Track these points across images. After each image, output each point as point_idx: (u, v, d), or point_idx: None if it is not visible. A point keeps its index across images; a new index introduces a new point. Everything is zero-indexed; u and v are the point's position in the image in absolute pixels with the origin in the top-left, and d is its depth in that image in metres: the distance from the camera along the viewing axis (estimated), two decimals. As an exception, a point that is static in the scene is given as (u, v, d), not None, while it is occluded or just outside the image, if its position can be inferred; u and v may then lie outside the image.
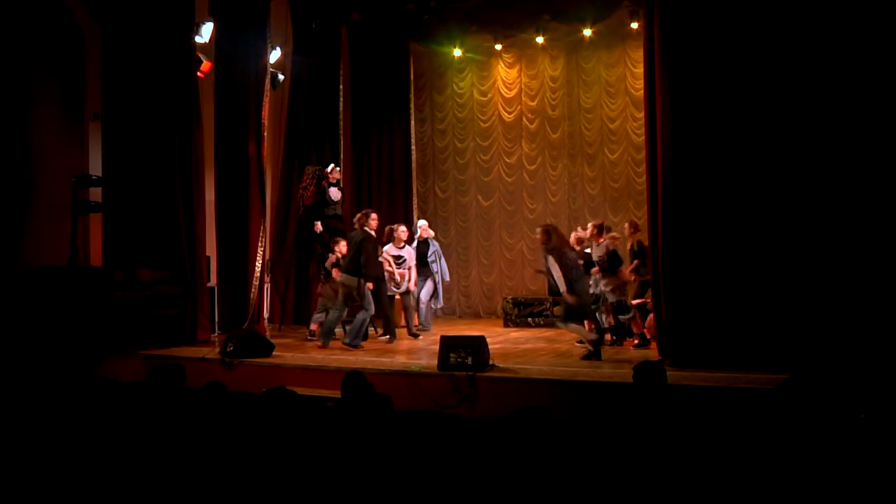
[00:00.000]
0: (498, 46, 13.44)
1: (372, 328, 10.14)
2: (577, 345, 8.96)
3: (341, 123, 13.35)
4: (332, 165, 11.51)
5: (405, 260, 10.59)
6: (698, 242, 7.52)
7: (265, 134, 11.20)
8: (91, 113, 10.40)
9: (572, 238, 9.70)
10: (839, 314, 6.95)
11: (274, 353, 8.86)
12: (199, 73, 10.45)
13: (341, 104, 13.37)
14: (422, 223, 11.69)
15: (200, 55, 10.51)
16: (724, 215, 7.42)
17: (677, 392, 6.13)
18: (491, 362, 7.60)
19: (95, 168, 10.29)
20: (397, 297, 10.72)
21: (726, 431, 5.29)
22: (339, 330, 10.06)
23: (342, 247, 10.03)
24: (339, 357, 8.68)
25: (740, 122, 7.38)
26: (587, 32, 12.46)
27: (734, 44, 7.41)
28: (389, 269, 10.39)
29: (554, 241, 8.27)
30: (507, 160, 13.84)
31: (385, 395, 5.03)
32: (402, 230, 10.72)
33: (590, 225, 9.64)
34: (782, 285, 7.18)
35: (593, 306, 8.92)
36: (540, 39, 12.71)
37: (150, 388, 5.47)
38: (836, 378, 6.37)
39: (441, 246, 11.99)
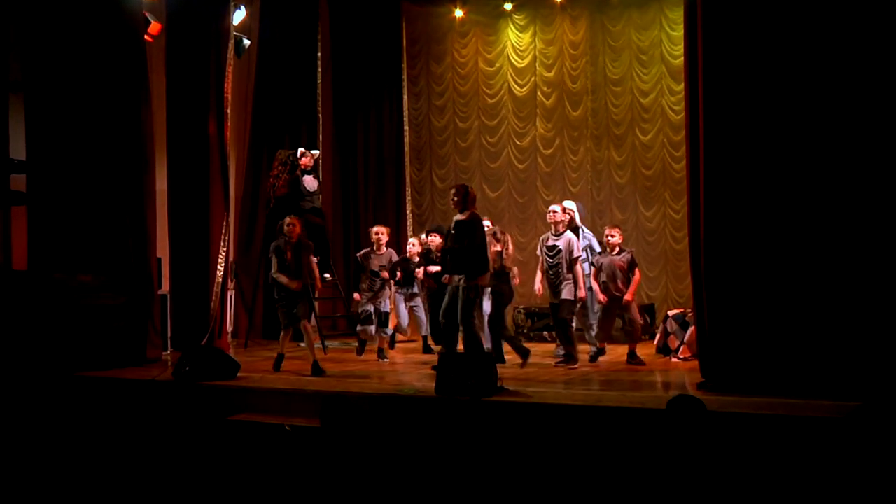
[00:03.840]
0: (508, 6, 13.39)
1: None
2: None
3: (320, 99, 13.33)
4: (300, 150, 11.43)
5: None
6: (749, 242, 7.46)
7: (228, 111, 11.17)
8: (11, 83, 10.29)
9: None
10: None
11: (239, 374, 8.82)
12: (146, 37, 10.40)
13: (320, 75, 13.34)
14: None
15: (148, 14, 10.46)
16: (780, 209, 7.35)
17: (722, 420, 6.08)
18: (499, 384, 7.55)
19: (18, 151, 10.20)
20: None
21: (784, 468, 5.24)
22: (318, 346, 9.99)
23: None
24: (318, 379, 8.64)
25: (807, 92, 7.26)
26: (615, -12, 12.39)
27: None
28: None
29: None
30: (519, 143, 13.80)
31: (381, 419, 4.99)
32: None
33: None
34: (852, 294, 7.11)
35: None
36: (558, -3, 12.64)
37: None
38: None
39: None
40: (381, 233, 10.09)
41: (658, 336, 10.21)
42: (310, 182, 11.31)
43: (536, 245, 10.56)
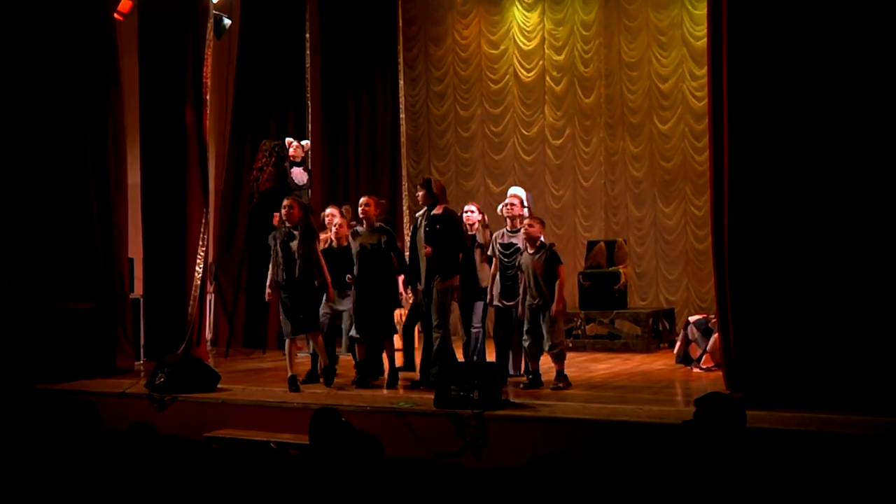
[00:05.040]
0: (513, -17, 13.41)
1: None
2: None
3: (308, 84, 13.31)
4: (288, 140, 11.44)
5: None
6: (779, 241, 7.45)
7: (207, 97, 11.15)
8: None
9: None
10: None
11: (220, 385, 8.83)
12: (116, 15, 10.37)
13: (308, 58, 13.33)
14: None
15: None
16: (813, 206, 7.34)
17: (750, 436, 6.07)
18: (504, 397, 7.57)
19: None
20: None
21: (817, 490, 5.24)
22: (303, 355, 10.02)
23: None
24: (305, 391, 8.64)
25: (847, 74, 7.22)
26: (631, -37, 12.41)
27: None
28: None
29: None
30: (526, 132, 13.80)
31: (372, 438, 4.98)
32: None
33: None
34: (893, 299, 7.11)
35: None
36: (568, -27, 12.66)
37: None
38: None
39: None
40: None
41: (678, 344, 10.20)
42: (299, 175, 11.30)
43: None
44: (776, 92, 7.46)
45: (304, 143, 11.64)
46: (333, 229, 9.30)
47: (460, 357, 8.98)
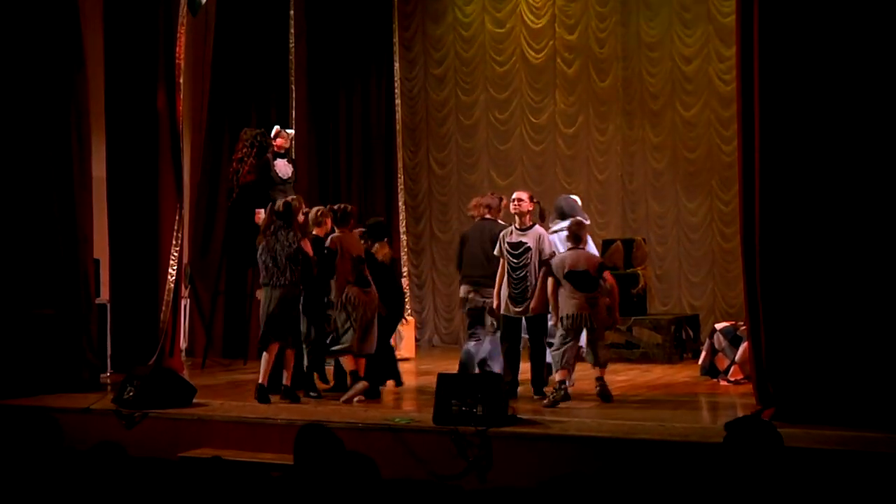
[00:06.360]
0: (521, -46, 13.42)
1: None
2: None
3: (293, 66, 13.30)
4: (276, 128, 11.46)
5: None
6: (816, 240, 7.44)
7: (181, 80, 11.14)
8: None
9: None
10: None
11: (195, 400, 8.84)
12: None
13: (293, 38, 13.31)
14: None
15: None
16: (855, 200, 7.33)
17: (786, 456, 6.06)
18: (510, 412, 7.56)
19: None
20: None
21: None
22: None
23: None
24: (292, 406, 8.65)
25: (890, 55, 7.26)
26: (651, -67, 12.43)
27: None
28: None
29: None
30: (534, 120, 13.81)
31: (364, 457, 4.97)
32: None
33: None
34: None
35: None
36: (582, -57, 12.67)
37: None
38: None
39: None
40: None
41: (703, 354, 10.21)
42: (283, 168, 11.31)
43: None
44: (813, 73, 7.45)
45: (288, 131, 11.65)
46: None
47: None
